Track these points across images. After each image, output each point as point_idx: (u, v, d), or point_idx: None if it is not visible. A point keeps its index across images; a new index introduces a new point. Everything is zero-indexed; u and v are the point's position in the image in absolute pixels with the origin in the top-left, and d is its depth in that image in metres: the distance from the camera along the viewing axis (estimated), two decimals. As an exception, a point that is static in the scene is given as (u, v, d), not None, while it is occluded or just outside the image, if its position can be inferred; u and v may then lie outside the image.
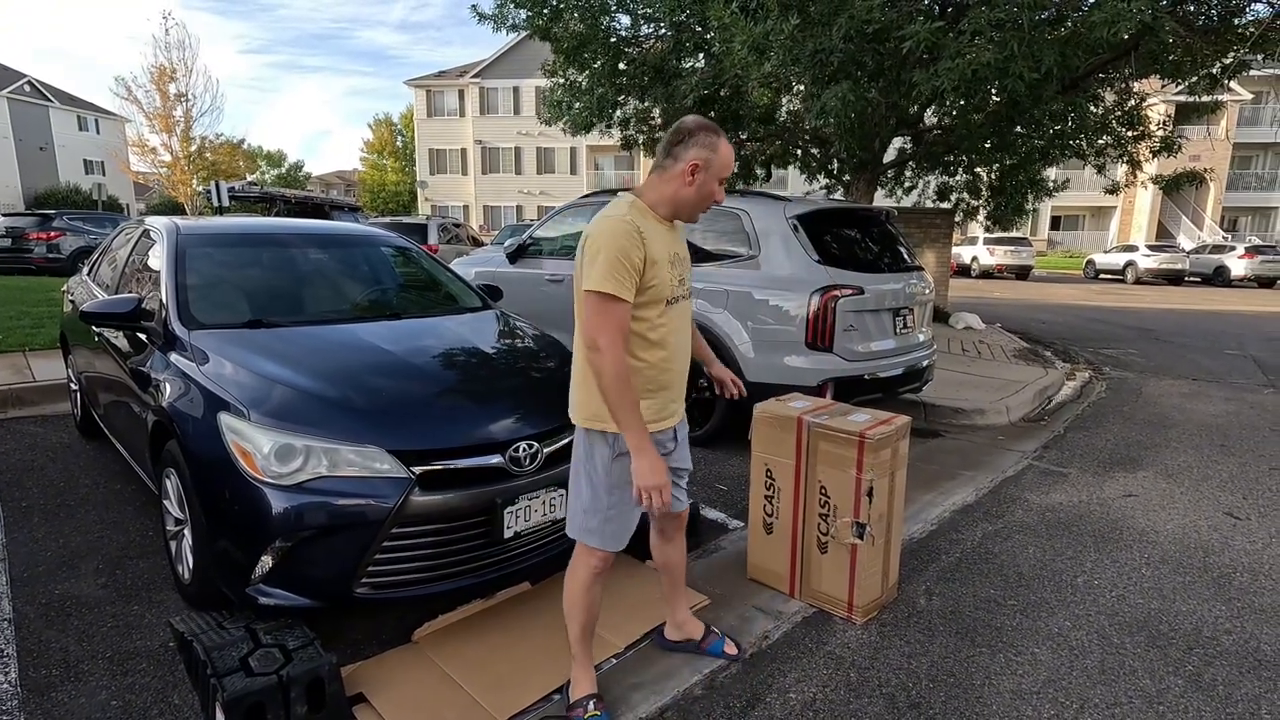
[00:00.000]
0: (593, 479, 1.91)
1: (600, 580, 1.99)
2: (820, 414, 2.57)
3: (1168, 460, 4.38)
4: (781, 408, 2.65)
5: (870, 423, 2.48)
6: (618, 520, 1.91)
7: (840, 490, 2.45)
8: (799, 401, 2.72)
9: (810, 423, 2.50)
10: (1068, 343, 9.13)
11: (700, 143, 1.77)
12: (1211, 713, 2.04)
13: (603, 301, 1.70)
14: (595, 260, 1.70)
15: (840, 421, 2.49)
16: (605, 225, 1.74)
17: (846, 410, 2.65)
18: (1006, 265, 22.84)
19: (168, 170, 28.60)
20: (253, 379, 2.33)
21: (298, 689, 1.84)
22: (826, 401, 2.80)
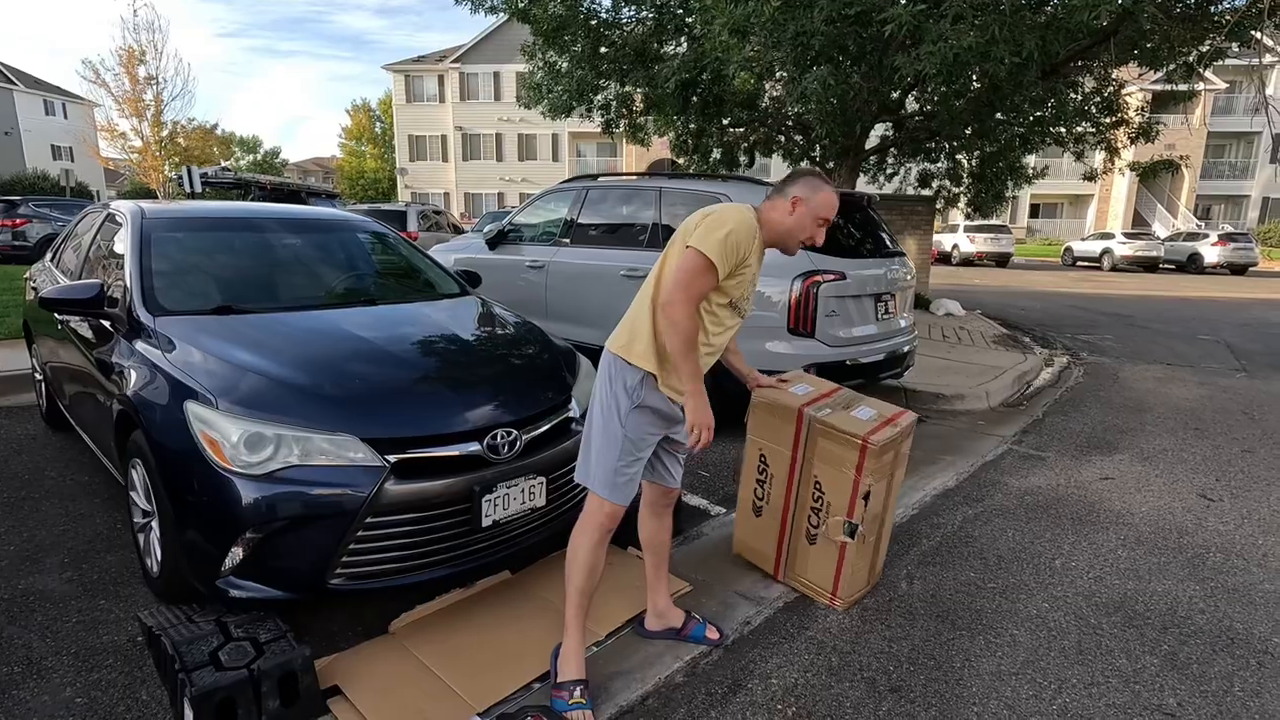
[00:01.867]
0: (609, 429, 1.96)
1: (606, 542, 2.03)
2: (822, 406, 2.45)
3: (1143, 444, 4.44)
4: (781, 395, 2.51)
5: (874, 423, 2.37)
6: (629, 473, 1.98)
7: (836, 489, 2.39)
8: (800, 386, 2.57)
9: (811, 416, 2.40)
10: (1046, 329, 9.23)
11: (803, 183, 1.99)
12: (1186, 690, 2.06)
13: (701, 262, 1.84)
14: (713, 230, 1.85)
15: (842, 419, 2.37)
16: (735, 212, 1.91)
17: (850, 401, 2.51)
18: (986, 253, 23.04)
19: (139, 156, 27.92)
20: (221, 366, 2.26)
21: (269, 683, 1.80)
22: (828, 387, 2.61)
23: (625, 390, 1.96)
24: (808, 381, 2.64)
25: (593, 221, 5.03)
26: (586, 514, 2.02)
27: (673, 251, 1.96)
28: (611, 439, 1.96)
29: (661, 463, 2.18)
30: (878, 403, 2.54)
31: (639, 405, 1.96)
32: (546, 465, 2.40)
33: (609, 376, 2.00)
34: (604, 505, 1.98)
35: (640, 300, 2.02)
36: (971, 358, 6.74)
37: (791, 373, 2.70)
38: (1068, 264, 24.46)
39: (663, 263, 1.99)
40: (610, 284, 4.61)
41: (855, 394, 2.60)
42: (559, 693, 1.93)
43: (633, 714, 1.93)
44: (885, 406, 2.52)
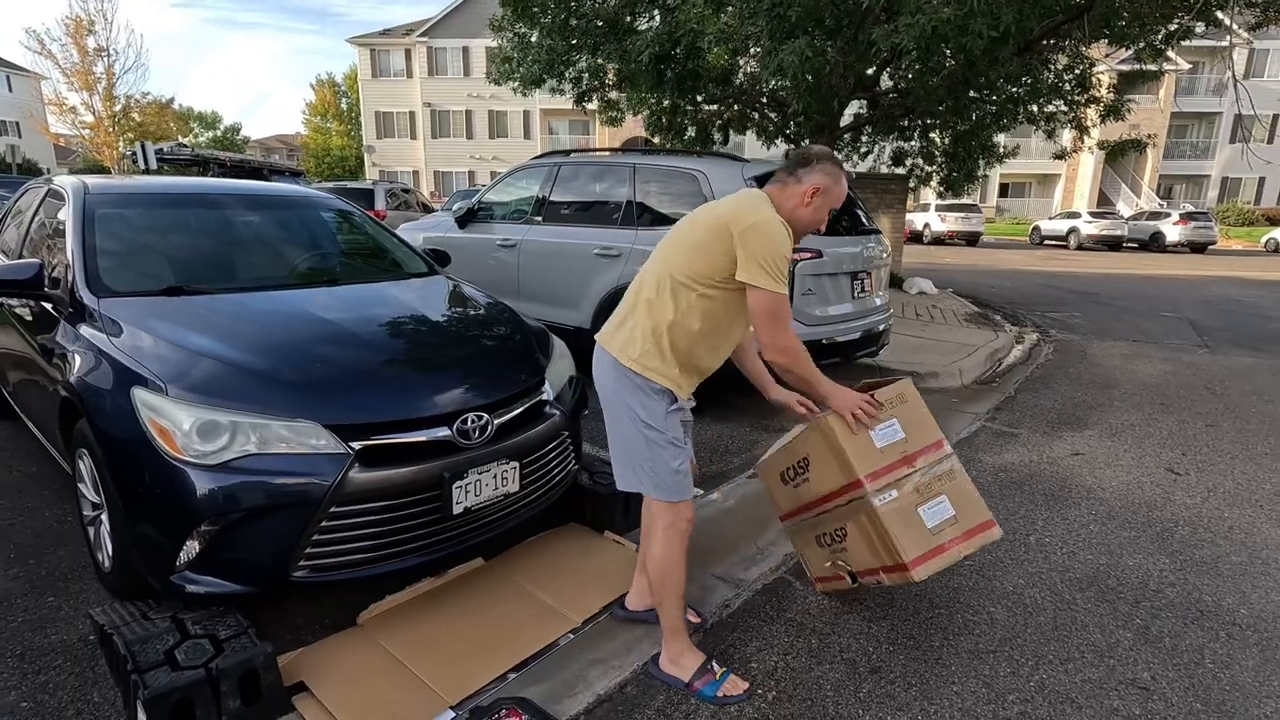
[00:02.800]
0: (650, 437, 1.90)
1: (687, 536, 1.98)
2: (900, 480, 1.93)
3: (1112, 419, 4.50)
4: (852, 444, 1.94)
5: (941, 539, 1.91)
6: (686, 471, 1.95)
7: (859, 556, 2.08)
8: (889, 429, 1.96)
9: (869, 501, 1.92)
10: (1016, 306, 9.34)
11: (825, 170, 1.87)
12: (1159, 664, 2.08)
13: (773, 299, 1.78)
14: (754, 256, 1.76)
15: (904, 525, 1.90)
16: (763, 221, 1.78)
17: (940, 480, 1.96)
18: (957, 232, 23.28)
19: (91, 131, 26.80)
20: (172, 350, 2.14)
21: (229, 682, 1.72)
22: (927, 441, 2.00)
23: (656, 396, 1.90)
24: (906, 419, 1.99)
25: (565, 199, 4.91)
26: (661, 526, 1.96)
27: (682, 250, 1.88)
28: (655, 446, 1.90)
29: None
30: (969, 490, 1.99)
31: (674, 410, 1.92)
32: (520, 449, 2.33)
33: (624, 387, 1.91)
34: (675, 509, 1.94)
35: (637, 299, 1.93)
36: (944, 335, 6.78)
37: (899, 384, 2.07)
38: (1035, 243, 24.84)
39: (664, 260, 1.91)
40: (584, 263, 4.51)
41: (953, 464, 2.00)
42: (699, 684, 1.91)
43: (611, 702, 1.89)
44: (974, 502, 1.97)
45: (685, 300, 1.86)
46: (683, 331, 1.88)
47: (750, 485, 3.33)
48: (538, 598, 2.35)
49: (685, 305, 1.87)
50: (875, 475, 1.94)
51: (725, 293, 1.86)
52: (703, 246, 1.85)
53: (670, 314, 1.87)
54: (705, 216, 1.90)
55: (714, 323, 1.90)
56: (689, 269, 1.85)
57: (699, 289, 1.85)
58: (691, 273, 1.85)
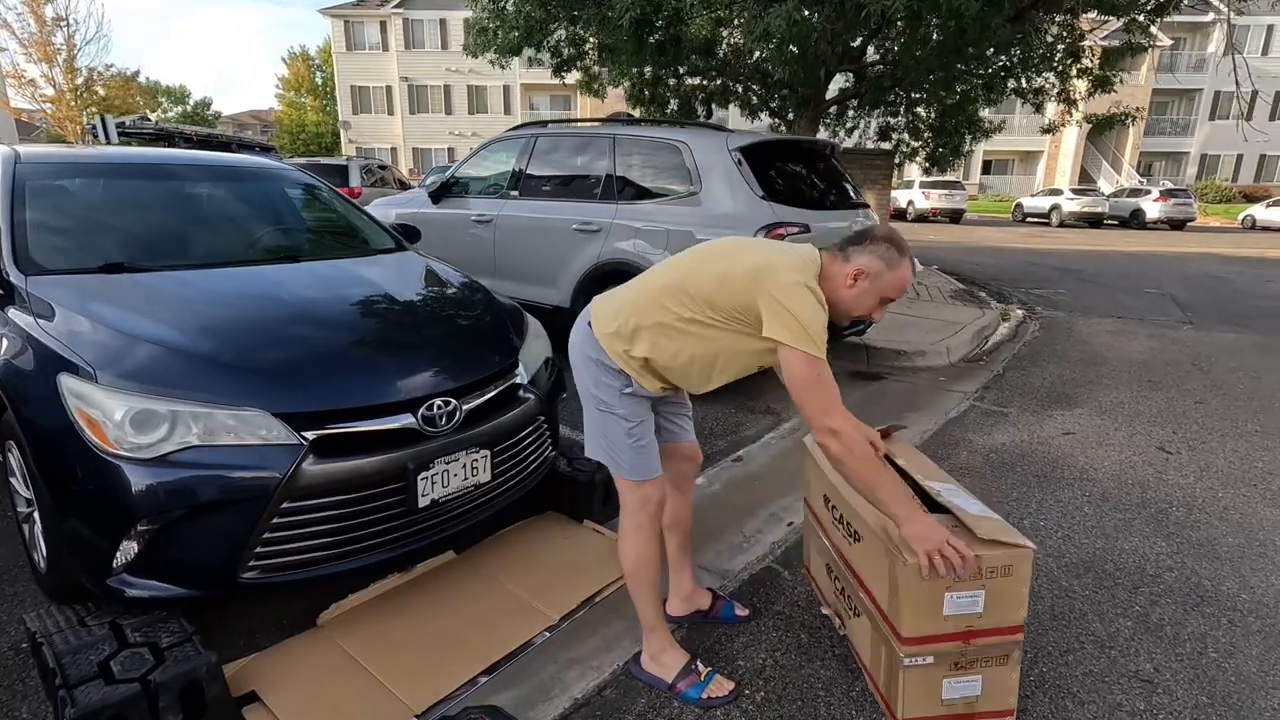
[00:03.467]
0: (605, 412, 1.77)
1: (656, 521, 1.82)
2: (928, 652, 1.61)
3: (1101, 397, 4.44)
4: (914, 598, 1.56)
5: (947, 710, 1.66)
6: (649, 448, 1.80)
7: (858, 641, 1.88)
8: (957, 603, 1.57)
9: (902, 655, 1.61)
10: (1001, 283, 9.28)
11: (875, 252, 1.64)
12: (1162, 654, 2.00)
13: (815, 367, 1.56)
14: (780, 313, 1.57)
15: (919, 687, 1.63)
16: (799, 292, 1.58)
17: (974, 664, 1.64)
18: (941, 209, 23.22)
19: (53, 106, 25.78)
20: (106, 334, 1.95)
21: (168, 696, 1.57)
22: (984, 628, 1.61)
23: (613, 374, 1.75)
24: (996, 594, 1.58)
25: (542, 172, 4.71)
26: (626, 509, 1.82)
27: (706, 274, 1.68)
28: (615, 422, 1.77)
29: (666, 419, 1.97)
30: (1012, 679, 1.66)
31: (628, 393, 1.76)
32: (490, 437, 2.18)
33: (585, 354, 1.78)
34: (636, 489, 1.79)
35: (644, 288, 1.76)
36: (930, 313, 6.69)
37: (1018, 552, 1.58)
38: (1018, 220, 24.86)
39: (697, 263, 1.73)
40: (562, 239, 4.33)
41: (1017, 652, 1.66)
42: (683, 685, 1.79)
43: (589, 707, 1.77)
44: (1008, 691, 1.67)
45: (683, 313, 1.69)
46: (665, 340, 1.71)
47: (736, 469, 3.22)
48: (512, 593, 2.22)
49: (680, 319, 1.69)
50: (919, 641, 1.59)
51: (731, 334, 1.68)
52: (730, 283, 1.65)
53: (661, 318, 1.70)
54: (743, 258, 1.68)
55: (706, 349, 1.71)
56: (704, 296, 1.67)
57: (709, 316, 1.68)
58: (714, 302, 1.66)
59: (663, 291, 1.72)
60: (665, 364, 1.73)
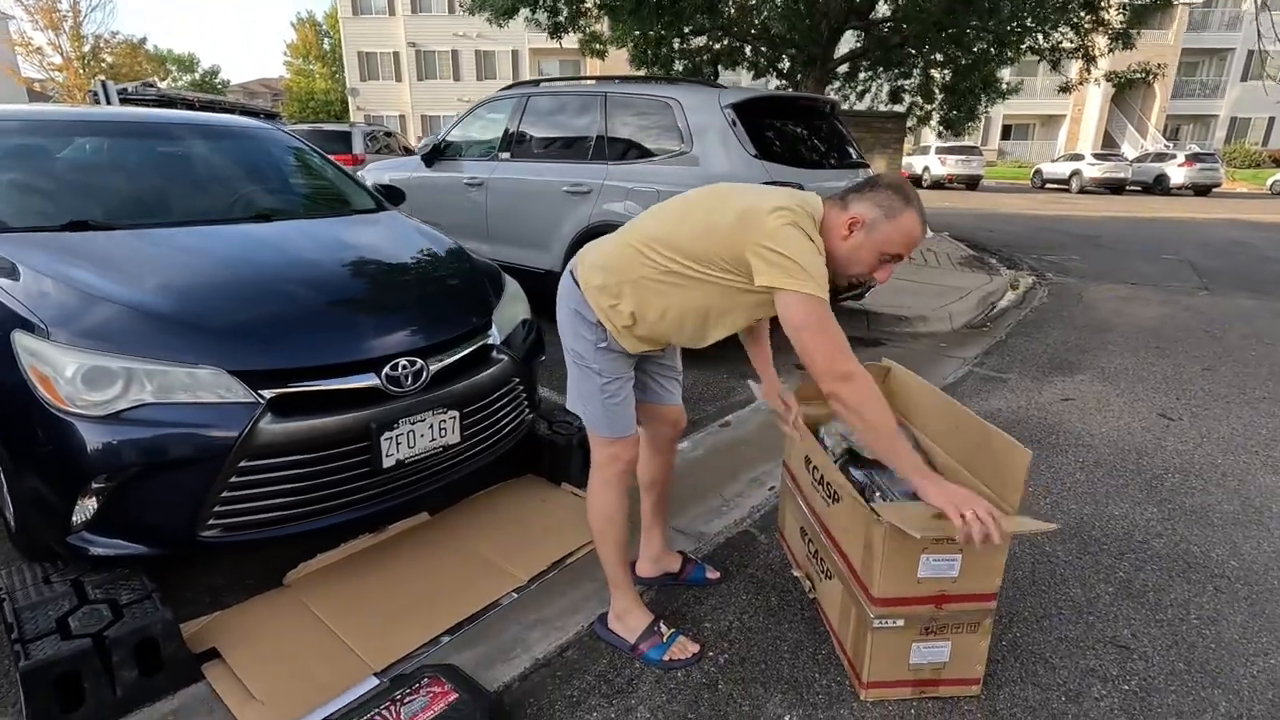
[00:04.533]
0: (580, 363, 1.72)
1: (623, 485, 1.76)
2: (897, 615, 1.57)
3: (1105, 363, 4.33)
4: (890, 558, 1.52)
5: (914, 676, 1.63)
6: (622, 406, 1.73)
7: (828, 603, 1.85)
8: (931, 566, 1.53)
9: (872, 615, 1.57)
10: (1013, 250, 9.07)
11: (876, 199, 1.49)
12: (1141, 620, 1.95)
13: (815, 306, 1.42)
14: (772, 258, 1.43)
15: (886, 650, 1.60)
16: (789, 231, 1.45)
17: (944, 629, 1.60)
18: (957, 175, 22.71)
19: (61, 74, 25.76)
20: (64, 292, 1.91)
21: (122, 652, 1.57)
22: (957, 593, 1.58)
23: (589, 326, 1.67)
24: (974, 561, 1.55)
25: (534, 133, 4.61)
26: (596, 464, 1.77)
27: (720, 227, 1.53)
28: (588, 375, 1.70)
29: (653, 379, 1.90)
30: (981, 647, 1.62)
31: (602, 347, 1.68)
32: (460, 398, 2.14)
33: (567, 305, 1.71)
34: (607, 446, 1.74)
35: (626, 239, 1.65)
36: (936, 279, 6.56)
37: (1038, 523, 1.55)
38: (1037, 186, 24.28)
39: (682, 212, 1.63)
40: (553, 202, 4.25)
41: (988, 620, 1.62)
42: (645, 646, 1.76)
43: (549, 668, 1.75)
44: (976, 658, 1.64)
45: (668, 267, 1.58)
46: (652, 297, 1.62)
47: (722, 435, 3.17)
48: (483, 554, 2.20)
49: (666, 272, 1.59)
50: (890, 602, 1.55)
51: (722, 287, 1.57)
52: (716, 234, 1.53)
53: (645, 273, 1.60)
54: (730, 205, 1.55)
55: (695, 304, 1.61)
56: (689, 249, 1.56)
57: (695, 269, 1.57)
58: (698, 254, 1.55)
59: (645, 244, 1.61)
60: (654, 322, 1.64)
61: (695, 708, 1.62)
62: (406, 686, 1.57)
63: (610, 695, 1.66)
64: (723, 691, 1.67)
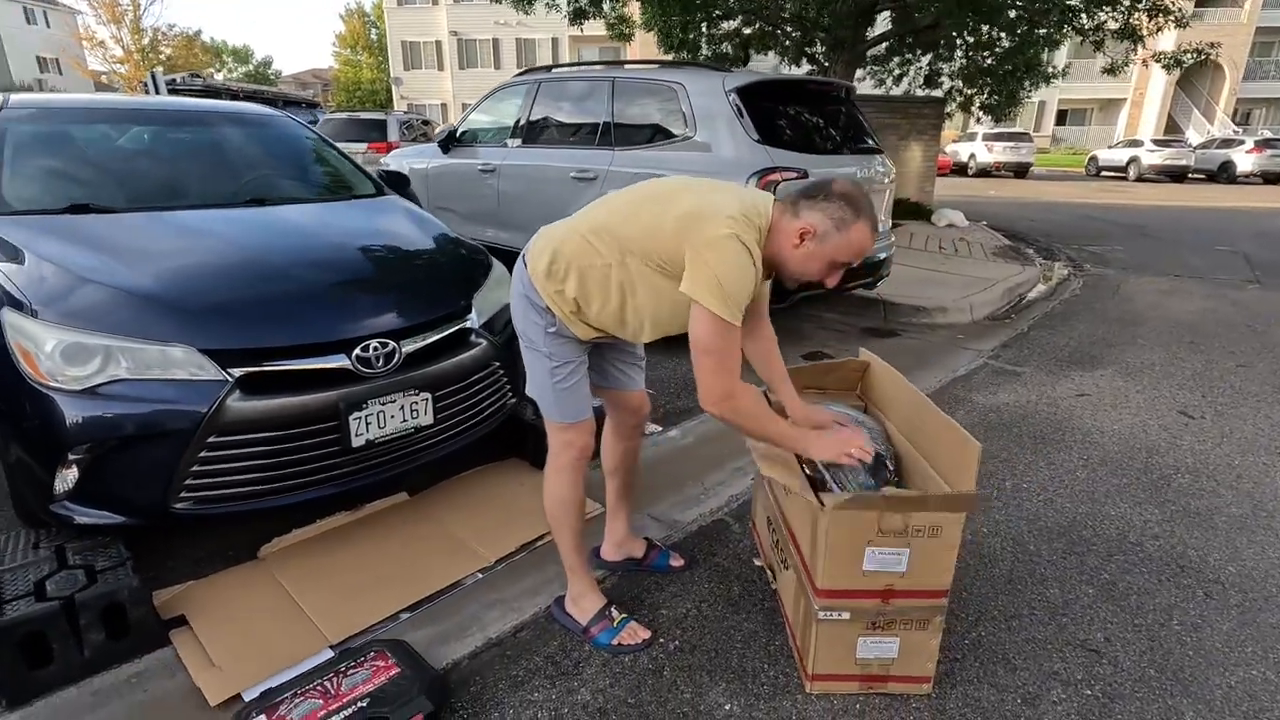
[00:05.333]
0: (532, 349, 1.72)
1: (579, 471, 1.77)
2: (843, 608, 1.55)
3: (1130, 358, 4.14)
4: (832, 551, 1.50)
5: (861, 671, 1.60)
6: (573, 391, 1.72)
7: (786, 596, 1.82)
8: (877, 559, 1.50)
9: (817, 606, 1.55)
10: (1052, 240, 8.74)
11: (828, 210, 1.47)
12: (1118, 624, 1.87)
13: (722, 331, 1.44)
14: (703, 271, 1.43)
15: (831, 642, 1.58)
16: (726, 245, 1.42)
17: (893, 625, 1.57)
18: (1005, 163, 21.89)
19: (123, 66, 26.83)
20: (54, 272, 2.00)
21: (89, 615, 1.65)
22: (906, 589, 1.54)
23: (538, 312, 1.66)
24: (922, 555, 1.50)
25: (544, 119, 4.61)
26: (551, 451, 1.78)
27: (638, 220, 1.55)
28: (539, 359, 1.71)
29: (613, 365, 1.89)
30: (931, 646, 1.59)
31: (551, 332, 1.67)
32: (432, 380, 2.17)
33: (518, 290, 1.71)
34: (560, 432, 1.74)
35: (574, 225, 1.64)
36: (964, 269, 6.36)
37: (953, 517, 1.50)
38: (1092, 174, 23.26)
39: (632, 204, 1.61)
40: (560, 188, 4.25)
41: (940, 618, 1.57)
42: (596, 630, 1.78)
43: (500, 647, 1.77)
44: (926, 657, 1.60)
45: (612, 257, 1.57)
46: (594, 287, 1.60)
47: (710, 424, 3.14)
48: (455, 535, 2.24)
49: (608, 264, 1.58)
50: (835, 594, 1.53)
51: (661, 285, 1.55)
52: (660, 233, 1.52)
53: (590, 260, 1.59)
54: (678, 204, 1.53)
55: (636, 298, 1.59)
56: (633, 243, 1.55)
57: (635, 261, 1.56)
58: (642, 247, 1.55)
59: (592, 232, 1.61)
60: (597, 311, 1.63)
61: (637, 693, 1.63)
62: (353, 659, 1.61)
63: (555, 677, 1.67)
64: (667, 678, 1.67)
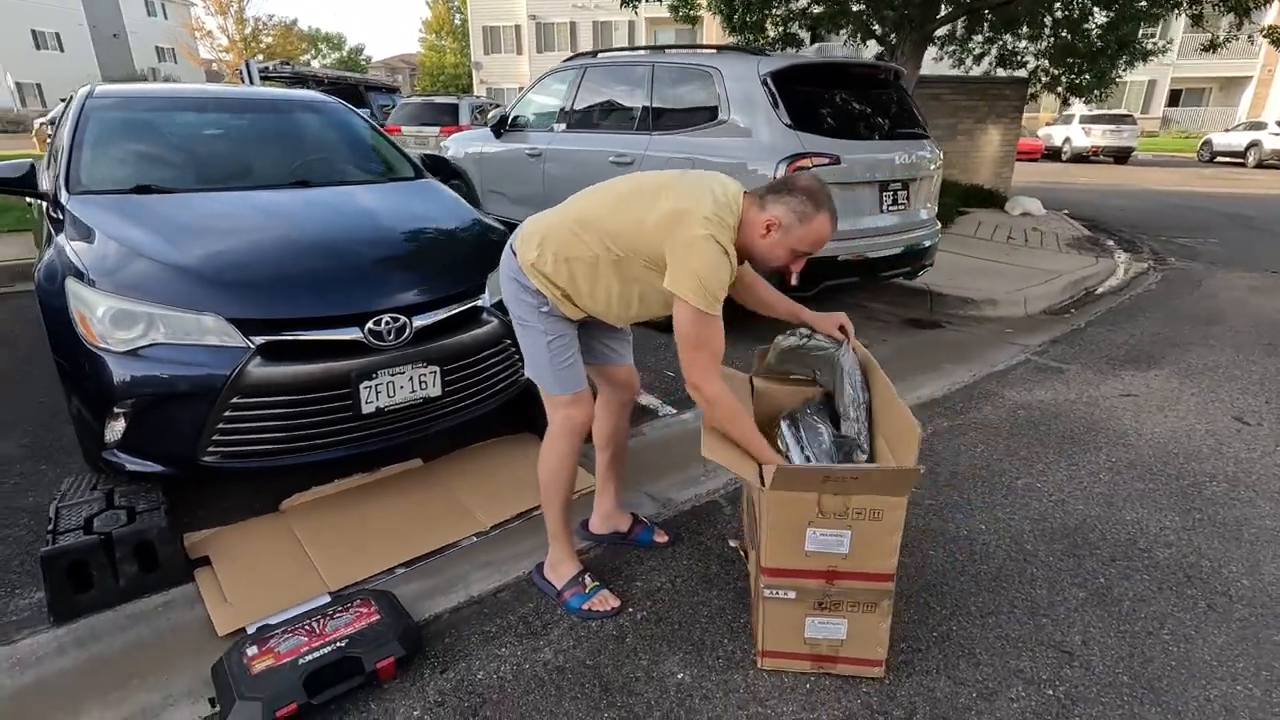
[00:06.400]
0: (527, 330, 1.81)
1: (575, 446, 1.86)
2: (788, 587, 1.59)
3: (1193, 359, 3.88)
4: (776, 529, 1.55)
5: (810, 650, 1.63)
6: (570, 364, 1.81)
7: (751, 575, 1.90)
8: (819, 539, 1.53)
9: (763, 585, 1.60)
10: (1140, 231, 8.17)
11: (790, 204, 1.58)
12: (1101, 629, 1.81)
13: (704, 324, 1.56)
14: (684, 265, 1.54)
15: (778, 620, 1.62)
16: (704, 246, 1.53)
17: (839, 606, 1.59)
18: (1103, 147, 20.42)
19: (228, 54, 28.66)
20: (112, 246, 2.25)
21: (124, 549, 1.87)
22: (849, 570, 1.56)
23: (530, 293, 1.76)
24: (865, 537, 1.52)
25: (588, 104, 4.69)
26: (550, 423, 1.88)
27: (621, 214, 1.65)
28: (535, 336, 1.80)
29: (599, 342, 1.98)
30: (881, 629, 1.60)
31: (545, 311, 1.77)
32: (441, 354, 2.30)
33: (507, 274, 1.82)
34: (560, 406, 1.84)
35: (562, 217, 1.73)
36: (1028, 260, 6.06)
37: (894, 501, 1.49)
38: (1205, 160, 21.38)
39: (616, 199, 1.68)
40: (599, 172, 4.32)
41: (887, 602, 1.59)
42: (569, 594, 1.88)
43: (480, 604, 1.90)
44: (876, 640, 1.62)
45: (599, 248, 1.67)
46: (581, 276, 1.70)
47: (725, 407, 3.17)
48: (459, 500, 2.38)
49: (594, 254, 1.67)
50: (779, 573, 1.57)
51: (645, 276, 1.66)
52: (643, 231, 1.61)
53: (578, 252, 1.69)
54: (660, 203, 1.61)
55: (621, 286, 1.70)
56: (618, 237, 1.65)
57: (621, 253, 1.65)
58: (629, 242, 1.64)
59: (579, 224, 1.70)
60: (586, 298, 1.74)
61: (597, 655, 1.71)
62: (341, 605, 1.77)
63: (524, 635, 1.78)
64: (629, 645, 1.75)
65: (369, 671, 1.59)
